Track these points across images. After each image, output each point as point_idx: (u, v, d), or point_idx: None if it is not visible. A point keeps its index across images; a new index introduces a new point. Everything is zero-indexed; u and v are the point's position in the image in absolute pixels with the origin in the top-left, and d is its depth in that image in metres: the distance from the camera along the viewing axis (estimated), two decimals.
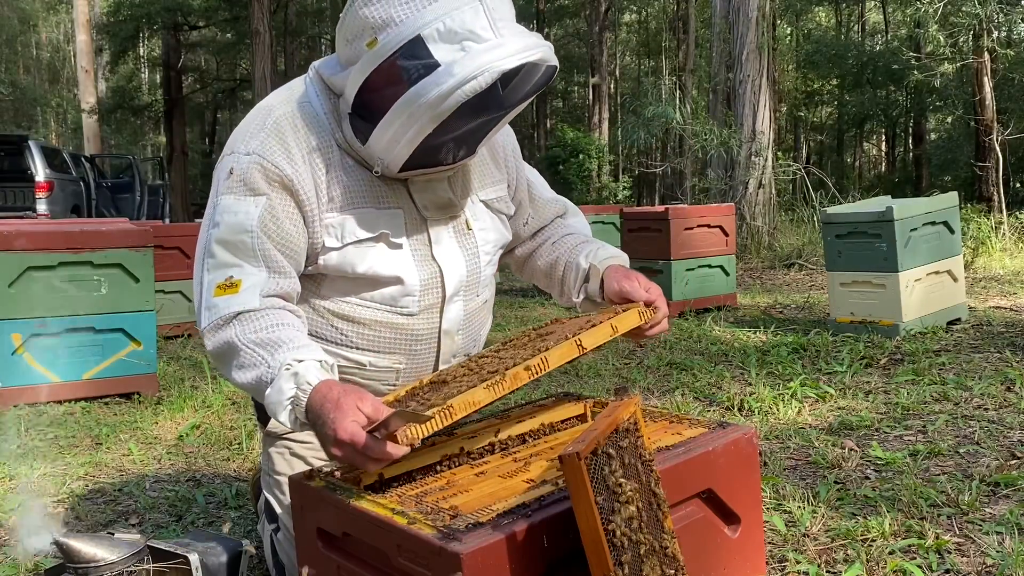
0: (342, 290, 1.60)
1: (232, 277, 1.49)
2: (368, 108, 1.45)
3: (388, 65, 1.39)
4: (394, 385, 1.67)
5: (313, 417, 1.32)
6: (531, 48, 1.37)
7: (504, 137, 1.81)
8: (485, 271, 1.71)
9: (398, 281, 1.58)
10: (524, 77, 1.42)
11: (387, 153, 1.46)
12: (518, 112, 1.55)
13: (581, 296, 1.76)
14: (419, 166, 1.51)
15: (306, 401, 1.33)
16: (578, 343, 1.42)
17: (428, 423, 1.22)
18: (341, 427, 1.25)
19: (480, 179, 1.72)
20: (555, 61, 1.44)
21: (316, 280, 1.61)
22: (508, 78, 1.38)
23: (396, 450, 1.23)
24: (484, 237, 1.70)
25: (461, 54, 1.34)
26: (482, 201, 1.71)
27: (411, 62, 1.37)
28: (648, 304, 1.60)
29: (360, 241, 1.55)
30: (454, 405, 1.25)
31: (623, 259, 1.75)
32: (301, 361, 1.37)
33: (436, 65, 1.35)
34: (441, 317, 1.64)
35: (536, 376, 1.36)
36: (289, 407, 1.35)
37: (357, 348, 1.63)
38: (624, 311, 1.54)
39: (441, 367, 1.68)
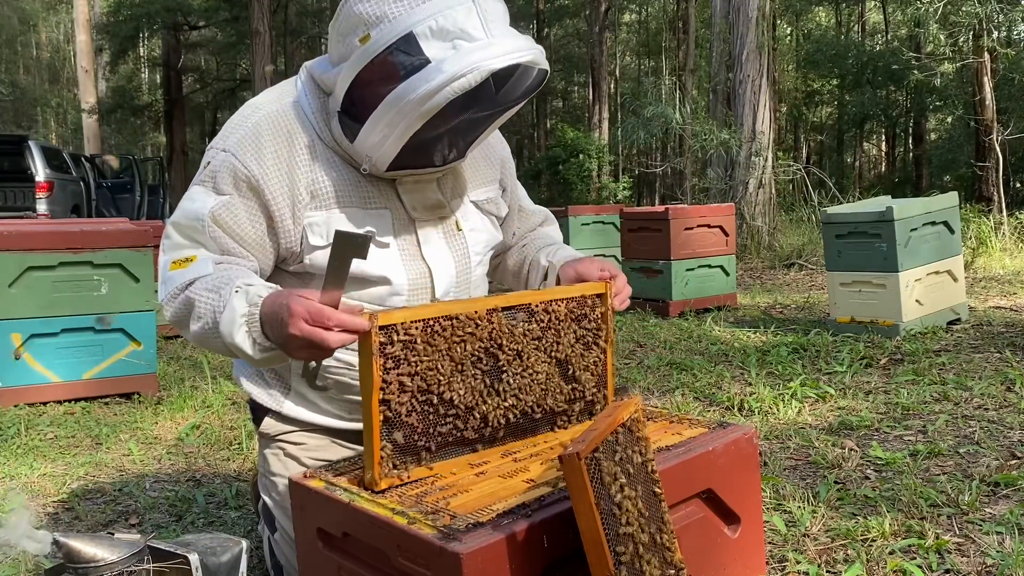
0: None
1: (185, 255, 1.52)
2: (357, 105, 1.46)
3: (379, 61, 1.40)
4: None
5: (269, 321, 1.34)
6: (522, 50, 1.37)
7: (499, 144, 1.82)
8: (476, 271, 1.71)
9: (385, 281, 1.58)
10: (515, 80, 1.43)
11: (375, 151, 1.46)
12: (509, 116, 1.55)
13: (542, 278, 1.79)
14: (407, 166, 1.52)
15: (259, 313, 1.35)
16: (535, 292, 1.55)
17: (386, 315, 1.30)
18: (295, 306, 1.27)
19: (472, 180, 1.72)
20: (546, 65, 1.45)
21: (304, 279, 1.61)
22: (498, 79, 1.39)
23: (355, 320, 1.26)
24: (474, 238, 1.70)
25: (452, 52, 1.35)
26: (473, 202, 1.71)
27: (402, 58, 1.38)
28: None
29: None
30: (394, 313, 1.33)
31: (575, 254, 1.78)
32: (251, 285, 1.40)
33: (427, 62, 1.36)
34: None
35: (494, 306, 1.45)
36: (244, 324, 1.36)
37: (345, 348, 1.63)
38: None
39: None
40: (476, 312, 1.42)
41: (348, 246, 1.27)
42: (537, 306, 1.52)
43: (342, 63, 1.47)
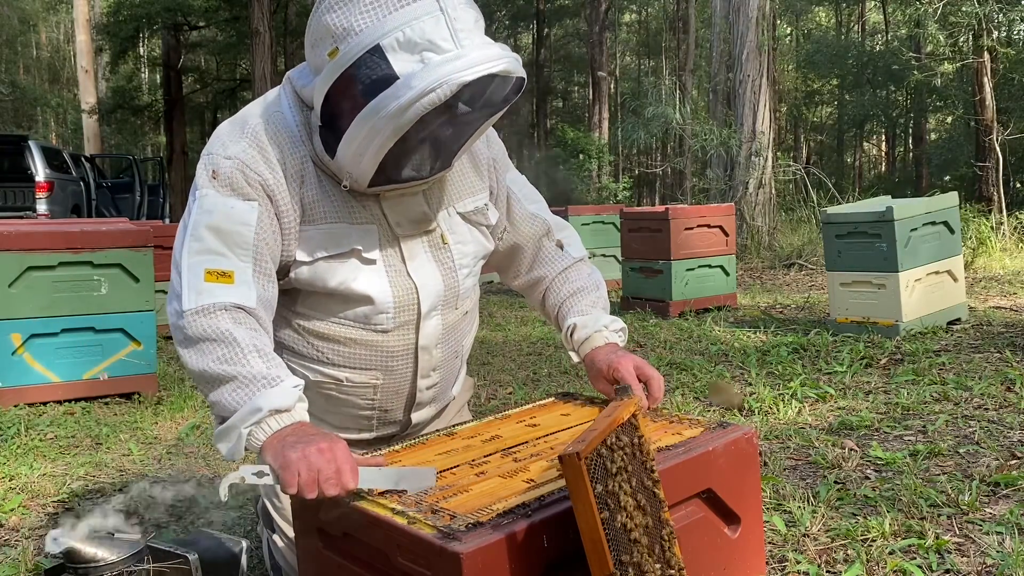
0: (316, 307, 1.59)
1: (222, 267, 1.45)
2: (334, 120, 1.42)
3: (349, 76, 1.36)
4: (372, 400, 1.67)
5: (294, 431, 1.34)
6: (493, 60, 1.32)
7: (486, 146, 1.75)
8: (464, 284, 1.67)
9: (370, 299, 1.55)
10: (491, 89, 1.39)
11: (354, 167, 1.43)
12: (490, 124, 1.51)
13: (576, 358, 1.76)
14: (391, 181, 1.48)
15: (289, 423, 1.35)
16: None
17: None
18: (327, 444, 1.28)
19: (458, 190, 1.67)
20: (522, 73, 1.40)
21: (291, 296, 1.59)
22: (475, 90, 1.35)
23: (342, 490, 1.26)
24: (461, 250, 1.65)
25: (420, 66, 1.31)
26: (459, 213, 1.66)
27: (371, 73, 1.33)
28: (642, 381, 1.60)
29: (331, 256, 1.53)
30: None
31: (605, 335, 1.71)
32: (303, 398, 1.41)
33: (395, 77, 1.31)
34: (417, 333, 1.62)
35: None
36: (265, 413, 1.34)
37: (333, 365, 1.62)
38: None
39: (420, 382, 1.67)
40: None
41: (414, 483, 1.30)
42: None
43: (317, 75, 1.43)
